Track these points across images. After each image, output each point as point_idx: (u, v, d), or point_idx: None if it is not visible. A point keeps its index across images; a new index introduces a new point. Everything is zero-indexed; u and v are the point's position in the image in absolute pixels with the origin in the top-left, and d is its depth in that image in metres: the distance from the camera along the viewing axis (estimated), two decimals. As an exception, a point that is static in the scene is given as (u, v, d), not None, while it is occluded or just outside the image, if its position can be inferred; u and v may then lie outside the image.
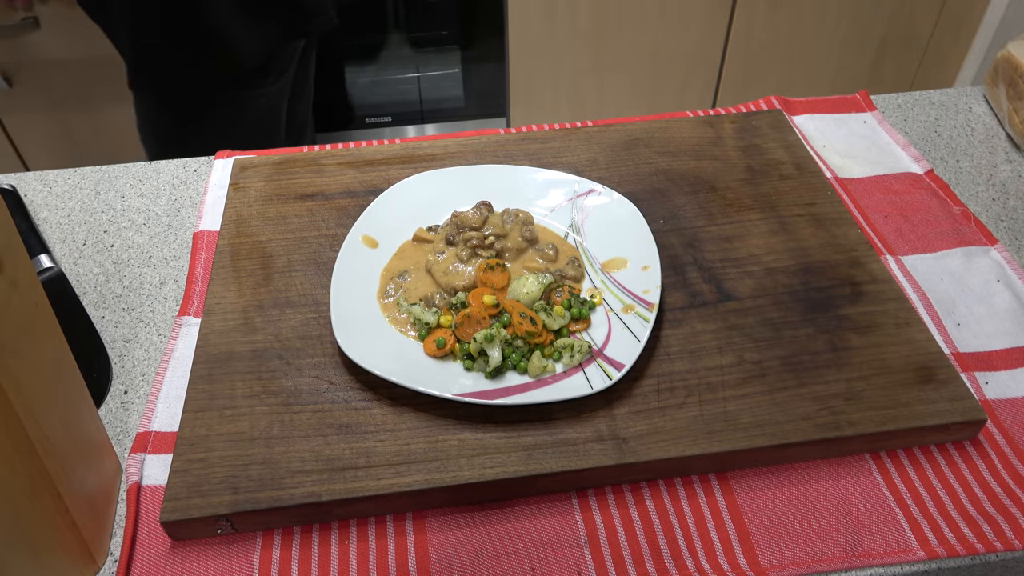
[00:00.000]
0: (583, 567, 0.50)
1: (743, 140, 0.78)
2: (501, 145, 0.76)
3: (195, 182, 0.78)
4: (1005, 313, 0.64)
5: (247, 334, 0.60)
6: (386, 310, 0.62)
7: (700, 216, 0.70)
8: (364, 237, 0.66)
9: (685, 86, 2.00)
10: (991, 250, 0.69)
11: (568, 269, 0.65)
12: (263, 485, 0.51)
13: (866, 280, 0.64)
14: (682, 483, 0.54)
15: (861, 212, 0.73)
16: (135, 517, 0.52)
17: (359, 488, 0.51)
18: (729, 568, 0.50)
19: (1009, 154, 0.81)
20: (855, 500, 0.53)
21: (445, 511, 0.53)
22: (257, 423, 0.55)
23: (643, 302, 0.60)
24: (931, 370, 0.57)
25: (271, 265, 0.66)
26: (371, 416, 0.55)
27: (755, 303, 0.62)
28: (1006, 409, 0.58)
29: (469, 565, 0.50)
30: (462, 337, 0.58)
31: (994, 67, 0.85)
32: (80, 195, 0.78)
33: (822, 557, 0.50)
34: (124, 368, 0.62)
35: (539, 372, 0.57)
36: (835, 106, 0.85)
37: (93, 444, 0.52)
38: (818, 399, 0.56)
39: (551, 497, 0.54)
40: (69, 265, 0.71)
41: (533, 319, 0.59)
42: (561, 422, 0.54)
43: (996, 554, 0.51)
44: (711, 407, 0.55)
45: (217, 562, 0.51)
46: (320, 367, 0.58)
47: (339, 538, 0.52)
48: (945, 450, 0.56)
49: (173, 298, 0.68)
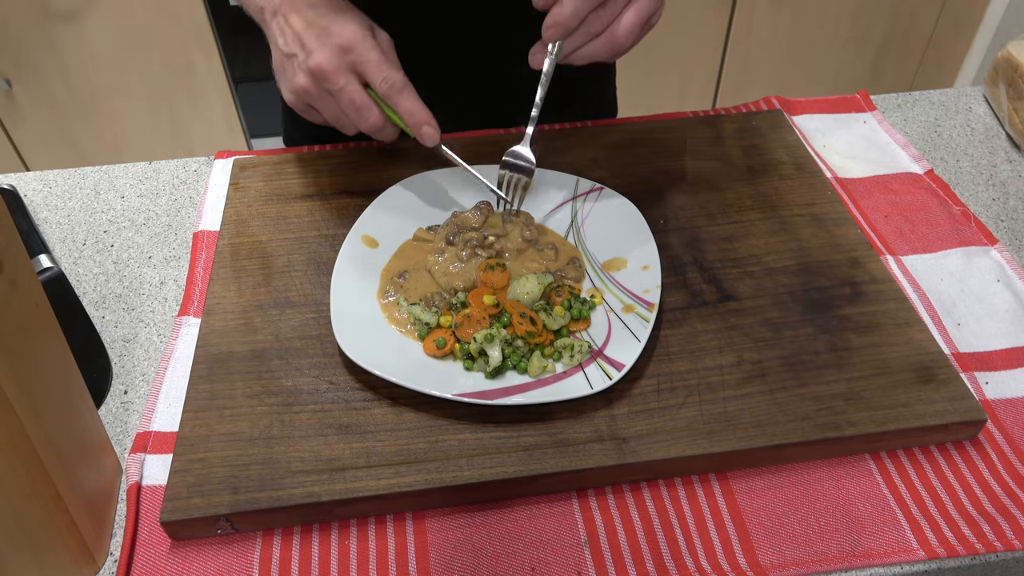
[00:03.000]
0: (583, 567, 0.50)
1: (743, 140, 0.78)
2: (501, 145, 0.76)
3: (195, 182, 0.78)
4: (1005, 313, 0.64)
5: (247, 334, 0.60)
6: (386, 310, 0.62)
7: (700, 216, 0.70)
8: (364, 237, 0.66)
9: (685, 86, 2.00)
10: (991, 250, 0.69)
11: (568, 269, 0.65)
12: (263, 485, 0.51)
13: (866, 280, 0.64)
14: (682, 483, 0.54)
15: (861, 212, 0.73)
16: (135, 517, 0.52)
17: (359, 488, 0.51)
18: (729, 568, 0.50)
19: (1009, 154, 0.81)
20: (855, 500, 0.53)
21: (445, 511, 0.53)
22: (257, 423, 0.55)
23: (643, 302, 0.60)
24: (931, 370, 0.57)
25: (271, 265, 0.66)
26: (371, 416, 0.55)
27: (755, 303, 0.62)
28: (1006, 409, 0.58)
29: (469, 565, 0.50)
30: (462, 337, 0.58)
31: (994, 67, 0.85)
32: (80, 195, 0.78)
33: (822, 557, 0.50)
34: (124, 368, 0.62)
35: (539, 372, 0.57)
36: (835, 106, 0.85)
37: (93, 444, 0.52)
38: (818, 399, 0.56)
39: (551, 497, 0.54)
40: (69, 265, 0.71)
41: (533, 319, 0.59)
42: (561, 422, 0.54)
43: (996, 554, 0.51)
44: (711, 407, 0.55)
45: (217, 562, 0.51)
46: (320, 367, 0.58)
47: (339, 538, 0.52)
48: (945, 450, 0.56)
49: (173, 298, 0.68)
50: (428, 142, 0.64)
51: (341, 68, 0.61)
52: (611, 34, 0.59)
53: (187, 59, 1.75)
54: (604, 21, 0.59)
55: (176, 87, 1.79)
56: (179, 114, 1.84)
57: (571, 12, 0.57)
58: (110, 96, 1.78)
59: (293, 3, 0.63)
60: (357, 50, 0.61)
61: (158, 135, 1.87)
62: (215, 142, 1.90)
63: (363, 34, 0.62)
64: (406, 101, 0.62)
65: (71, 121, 1.81)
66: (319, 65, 0.61)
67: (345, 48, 0.61)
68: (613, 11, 0.59)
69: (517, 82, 0.74)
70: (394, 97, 0.62)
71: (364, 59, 0.61)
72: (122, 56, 1.72)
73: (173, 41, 1.71)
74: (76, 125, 1.82)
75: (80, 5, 1.63)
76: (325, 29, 0.61)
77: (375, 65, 0.61)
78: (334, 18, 0.62)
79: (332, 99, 0.63)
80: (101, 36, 1.68)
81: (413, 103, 0.63)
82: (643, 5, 0.59)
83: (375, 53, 0.61)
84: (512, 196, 0.67)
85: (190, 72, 1.77)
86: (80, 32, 1.66)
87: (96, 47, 1.69)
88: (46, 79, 1.73)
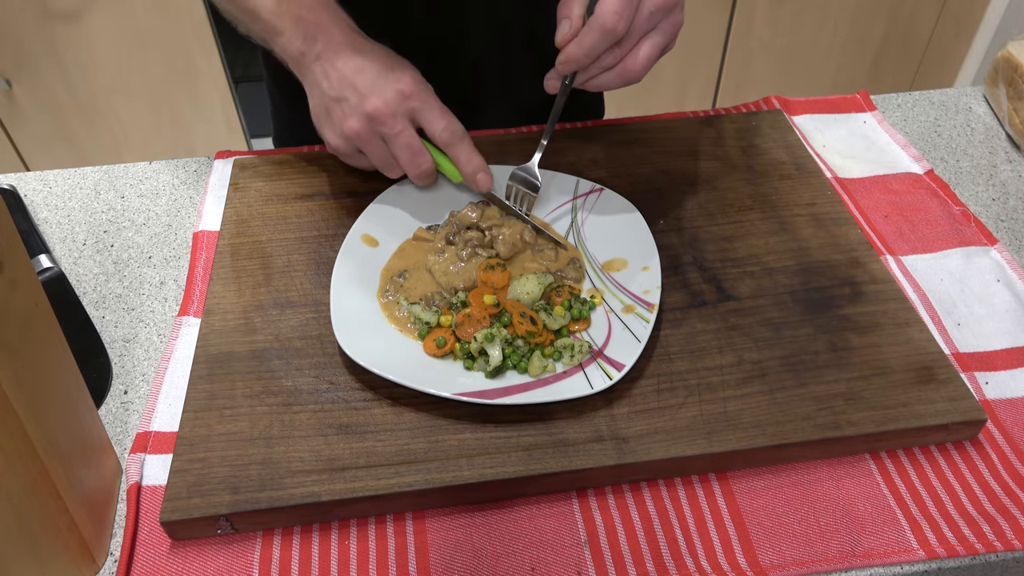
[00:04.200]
0: (583, 567, 0.50)
1: (743, 140, 0.78)
2: (501, 145, 0.76)
3: (195, 182, 0.78)
4: (1005, 313, 0.64)
5: (247, 334, 0.60)
6: (386, 310, 0.62)
7: (700, 216, 0.70)
8: (364, 237, 0.66)
9: (685, 86, 2.00)
10: (991, 250, 0.69)
11: (568, 269, 0.65)
12: (263, 485, 0.51)
13: (866, 280, 0.64)
14: (682, 483, 0.54)
15: (861, 212, 0.73)
16: (135, 517, 0.52)
17: (359, 488, 0.51)
18: (729, 568, 0.50)
19: (1009, 154, 0.81)
20: (855, 500, 0.53)
21: (445, 511, 0.53)
22: (257, 423, 0.55)
23: (643, 302, 0.60)
24: (931, 370, 0.57)
25: (271, 265, 0.66)
26: (371, 416, 0.55)
27: (755, 303, 0.62)
28: (1006, 409, 0.58)
29: (469, 565, 0.50)
30: (462, 337, 0.58)
31: (994, 67, 0.85)
32: (80, 195, 0.78)
33: (822, 557, 0.50)
34: (124, 368, 0.62)
35: (539, 372, 0.57)
36: (835, 106, 0.85)
37: (93, 444, 0.52)
38: (818, 399, 0.56)
39: (551, 497, 0.54)
40: (69, 265, 0.71)
41: (533, 319, 0.59)
42: (561, 422, 0.54)
43: (996, 554, 0.51)
44: (711, 407, 0.55)
45: (217, 562, 0.51)
46: (320, 367, 0.58)
47: (339, 538, 0.52)
48: (945, 450, 0.56)
49: (173, 298, 0.68)
50: (483, 187, 0.65)
51: (399, 113, 0.62)
52: (623, 68, 0.60)
53: (187, 59, 1.75)
54: (618, 56, 0.60)
55: (176, 87, 1.79)
56: (179, 114, 1.84)
57: (585, 53, 0.59)
58: (110, 96, 1.78)
59: (337, 49, 0.63)
60: (418, 96, 0.62)
61: (158, 135, 1.87)
62: (215, 142, 1.89)
63: (423, 82, 0.63)
64: (464, 150, 0.64)
65: (71, 121, 1.81)
66: (377, 109, 0.61)
67: (406, 94, 0.62)
68: (627, 47, 0.60)
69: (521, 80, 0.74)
70: (456, 146, 0.64)
71: (426, 106, 0.62)
72: (122, 56, 1.72)
73: (173, 41, 1.71)
74: (76, 125, 1.82)
75: (80, 5, 1.62)
76: (381, 74, 0.62)
77: (438, 113, 0.63)
78: (391, 64, 0.63)
79: (383, 144, 0.64)
80: (101, 36, 1.68)
81: (471, 151, 0.64)
82: (657, 41, 0.60)
83: (436, 101, 0.63)
84: (517, 206, 0.68)
85: (190, 72, 1.77)
86: (80, 32, 1.66)
87: (96, 47, 1.69)
88: (46, 79, 1.73)
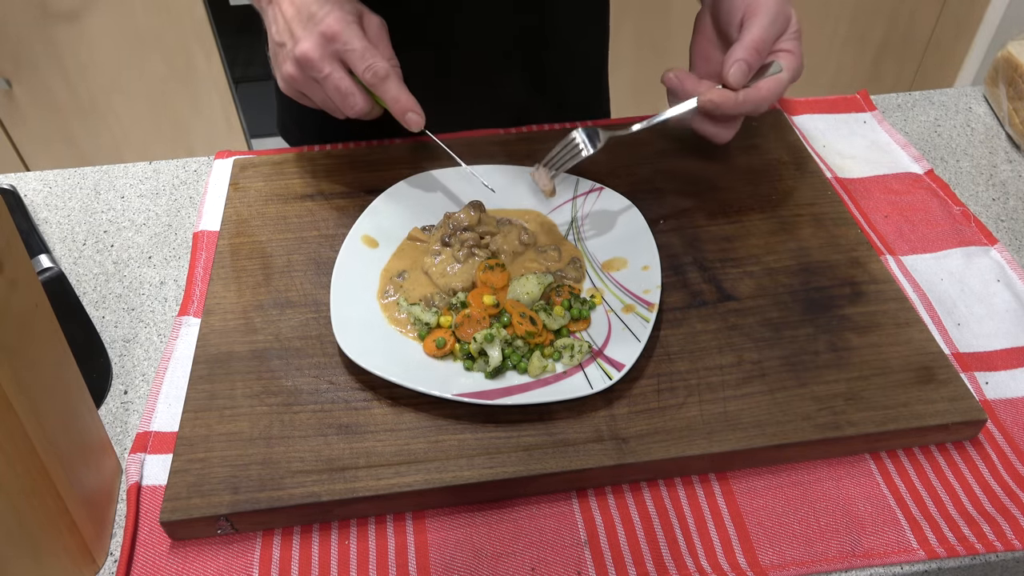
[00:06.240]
0: (583, 567, 0.50)
1: (743, 140, 0.77)
2: (501, 145, 0.76)
3: (195, 182, 0.78)
4: (1005, 313, 0.64)
5: (247, 334, 0.60)
6: (386, 310, 0.62)
7: (700, 216, 0.70)
8: (364, 237, 0.66)
9: (685, 86, 1.99)
10: (991, 250, 0.69)
11: (568, 269, 0.65)
12: (263, 485, 0.51)
13: (866, 280, 0.64)
14: (682, 483, 0.54)
15: (861, 212, 0.73)
16: (135, 517, 0.52)
17: (359, 488, 0.51)
18: (729, 568, 0.50)
19: (1009, 154, 0.81)
20: (855, 500, 0.53)
21: (445, 511, 0.53)
22: (257, 423, 0.55)
23: (643, 302, 0.60)
24: (931, 370, 0.57)
25: (271, 265, 0.66)
26: (371, 416, 0.55)
27: (755, 303, 0.62)
28: (1006, 409, 0.58)
29: (469, 565, 0.50)
30: (462, 337, 0.58)
31: (994, 67, 0.85)
32: (80, 195, 0.78)
33: (822, 557, 0.50)
34: (124, 368, 0.62)
35: (539, 372, 0.57)
36: (835, 106, 0.85)
37: (93, 444, 0.52)
38: (818, 399, 0.56)
39: (551, 497, 0.54)
40: (69, 265, 0.71)
41: (533, 319, 0.59)
42: (561, 422, 0.54)
43: (996, 554, 0.51)
44: (711, 407, 0.55)
45: (217, 562, 0.51)
46: (320, 367, 0.58)
47: (339, 538, 0.52)
48: (945, 450, 0.56)
49: (173, 298, 0.68)
50: (413, 128, 0.64)
51: (325, 56, 0.61)
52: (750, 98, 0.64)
53: (187, 59, 1.75)
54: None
55: (176, 87, 1.79)
56: (179, 114, 1.84)
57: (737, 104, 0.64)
58: (110, 96, 1.78)
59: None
60: (340, 38, 0.61)
61: (158, 135, 1.87)
62: (215, 142, 1.90)
63: (347, 20, 0.62)
64: (391, 89, 0.63)
65: (71, 121, 1.81)
66: (304, 54, 0.61)
67: (328, 36, 0.61)
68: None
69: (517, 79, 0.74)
70: (379, 87, 0.62)
71: (348, 48, 0.61)
72: (122, 56, 1.72)
73: (173, 41, 1.71)
74: (76, 125, 1.82)
75: (80, 5, 1.62)
76: (311, 16, 0.62)
77: (358, 54, 0.61)
78: (321, 5, 0.62)
79: (319, 86, 0.63)
80: (101, 36, 1.68)
81: (397, 91, 0.63)
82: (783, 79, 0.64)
83: (358, 41, 0.62)
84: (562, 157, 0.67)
85: (190, 72, 1.77)
86: (80, 32, 1.66)
87: (96, 47, 1.69)
88: (46, 79, 1.73)
